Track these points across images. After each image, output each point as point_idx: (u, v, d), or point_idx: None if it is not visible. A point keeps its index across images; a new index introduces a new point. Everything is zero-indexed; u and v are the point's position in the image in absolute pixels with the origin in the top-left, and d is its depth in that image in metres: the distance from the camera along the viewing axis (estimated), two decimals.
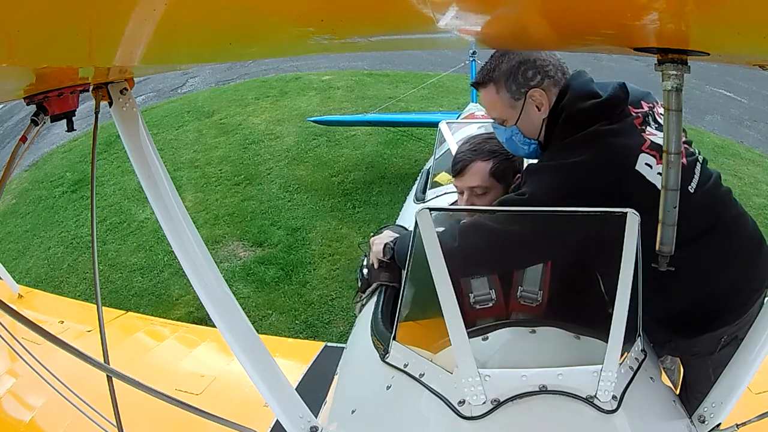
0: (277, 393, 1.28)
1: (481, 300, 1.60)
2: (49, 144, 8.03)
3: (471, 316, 1.59)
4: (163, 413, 1.71)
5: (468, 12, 0.85)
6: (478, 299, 1.60)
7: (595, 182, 1.46)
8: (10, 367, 2.66)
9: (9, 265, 4.64)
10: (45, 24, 0.58)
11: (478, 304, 1.60)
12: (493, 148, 1.84)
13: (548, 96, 1.62)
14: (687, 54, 1.12)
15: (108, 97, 1.21)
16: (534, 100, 1.62)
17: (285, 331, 4.26)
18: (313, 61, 10.19)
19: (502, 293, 1.62)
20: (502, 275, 1.62)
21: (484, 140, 1.89)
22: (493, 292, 1.61)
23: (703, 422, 1.24)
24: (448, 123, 3.55)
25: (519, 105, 1.64)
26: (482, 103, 1.76)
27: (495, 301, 1.60)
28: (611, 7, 0.80)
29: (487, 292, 1.61)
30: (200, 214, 5.83)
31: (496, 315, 1.59)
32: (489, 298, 1.60)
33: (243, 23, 0.80)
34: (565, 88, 1.63)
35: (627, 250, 1.14)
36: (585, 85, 1.63)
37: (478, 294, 1.61)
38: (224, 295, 1.27)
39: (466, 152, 1.86)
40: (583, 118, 1.55)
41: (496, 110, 1.68)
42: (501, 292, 1.61)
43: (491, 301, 1.60)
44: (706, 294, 1.63)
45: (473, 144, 1.89)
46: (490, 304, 1.60)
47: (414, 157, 6.75)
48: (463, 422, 1.08)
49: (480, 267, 1.59)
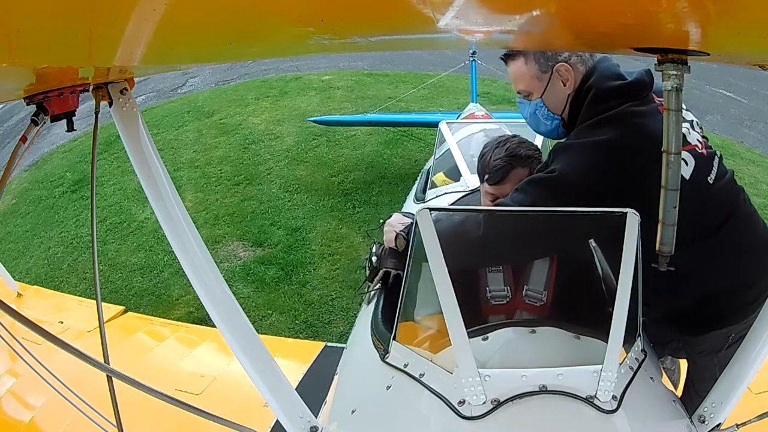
0: (277, 393, 1.28)
1: (496, 296, 1.61)
2: (49, 144, 8.04)
3: (485, 312, 1.60)
4: (163, 413, 1.71)
5: (468, 12, 0.85)
6: (494, 294, 1.60)
7: (625, 162, 1.46)
8: (10, 367, 2.66)
9: (9, 265, 4.64)
10: (45, 24, 0.58)
11: (494, 299, 1.60)
12: (529, 153, 1.81)
13: (575, 73, 1.64)
14: (687, 54, 1.12)
15: (108, 97, 1.21)
16: (560, 75, 1.64)
17: (285, 331, 4.26)
18: (313, 61, 10.19)
19: (515, 291, 1.62)
20: (515, 272, 1.62)
21: (519, 145, 1.83)
22: (507, 289, 1.61)
23: (703, 422, 1.24)
24: (448, 123, 3.56)
25: (545, 78, 1.65)
26: (510, 75, 1.75)
27: (509, 298, 1.61)
28: (611, 7, 0.80)
29: (502, 289, 1.61)
30: (200, 214, 5.83)
31: (508, 312, 1.59)
32: (504, 295, 1.61)
33: (243, 23, 0.80)
34: (592, 68, 1.64)
35: (627, 250, 1.14)
36: (612, 67, 1.65)
37: (494, 289, 1.61)
38: (224, 295, 1.27)
39: (504, 158, 1.78)
40: (611, 96, 1.56)
41: (523, 82, 1.69)
42: (515, 290, 1.62)
43: (506, 298, 1.61)
44: (717, 290, 1.64)
45: (508, 149, 1.81)
46: (505, 301, 1.60)
47: (414, 157, 6.75)
48: (463, 422, 1.08)
49: (505, 254, 1.58)
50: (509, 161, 1.78)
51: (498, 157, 1.80)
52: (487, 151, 1.85)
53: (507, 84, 9.05)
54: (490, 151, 1.84)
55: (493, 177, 1.79)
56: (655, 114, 1.54)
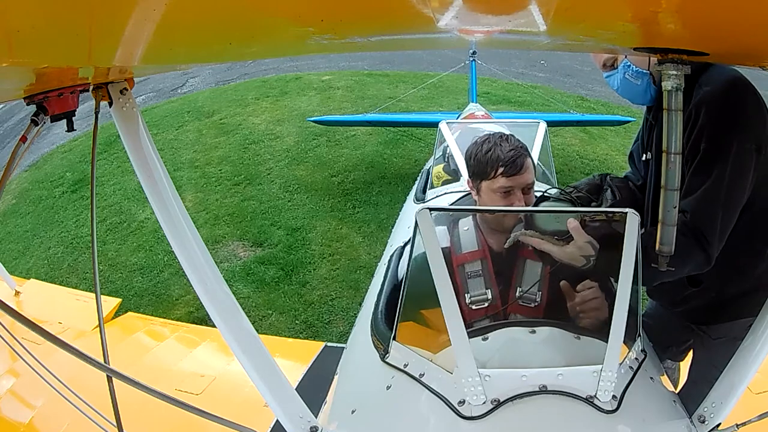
0: (277, 393, 1.28)
1: (477, 300, 1.60)
2: (49, 144, 8.04)
3: (467, 317, 1.58)
4: (163, 413, 1.71)
5: (468, 12, 0.85)
6: (474, 299, 1.60)
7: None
8: (10, 367, 2.66)
9: (9, 265, 4.64)
10: (45, 24, 0.58)
11: (474, 304, 1.60)
12: (523, 144, 1.78)
13: None
14: (687, 54, 1.12)
15: (108, 97, 1.21)
16: None
17: (285, 331, 4.26)
18: (313, 61, 10.19)
19: (499, 294, 1.61)
20: (498, 275, 1.61)
21: (515, 137, 1.80)
22: (489, 292, 1.61)
23: (703, 422, 1.24)
24: (448, 123, 3.56)
25: None
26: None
27: (491, 301, 1.60)
28: (611, 7, 0.80)
29: (483, 292, 1.60)
30: (200, 214, 5.83)
31: (492, 315, 1.58)
32: (485, 299, 1.60)
33: (243, 23, 0.80)
34: None
35: (627, 250, 1.13)
36: None
37: (474, 294, 1.60)
38: (224, 295, 1.27)
39: (516, 149, 1.73)
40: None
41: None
42: (498, 293, 1.61)
43: (487, 302, 1.60)
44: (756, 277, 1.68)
45: (511, 141, 1.77)
46: (486, 304, 1.60)
47: (414, 157, 6.75)
48: (463, 422, 1.08)
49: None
50: (521, 151, 1.73)
51: (510, 149, 1.73)
52: (492, 146, 1.77)
53: (507, 84, 9.11)
54: (495, 146, 1.77)
55: (511, 168, 1.71)
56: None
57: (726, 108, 1.51)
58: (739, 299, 1.70)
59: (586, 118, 6.90)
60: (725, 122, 1.50)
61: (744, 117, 1.52)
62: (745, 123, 1.51)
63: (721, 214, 1.52)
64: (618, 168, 6.23)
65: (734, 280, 1.70)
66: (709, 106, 1.51)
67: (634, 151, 1.96)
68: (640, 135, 1.91)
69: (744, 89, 1.53)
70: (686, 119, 1.53)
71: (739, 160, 1.49)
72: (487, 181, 1.74)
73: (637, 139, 1.94)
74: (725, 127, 1.50)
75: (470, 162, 1.81)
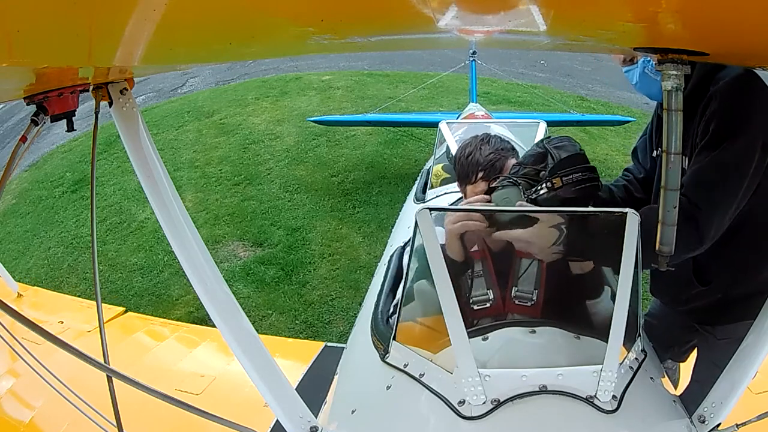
0: (277, 393, 1.28)
1: (479, 301, 1.60)
2: (49, 144, 8.04)
3: (469, 317, 1.58)
4: (163, 413, 1.71)
5: (467, 12, 0.85)
6: (476, 300, 1.60)
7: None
8: (10, 367, 2.66)
9: (9, 265, 4.64)
10: (45, 24, 0.58)
11: (476, 304, 1.59)
12: (509, 146, 1.79)
13: None
14: (687, 54, 1.12)
15: (108, 97, 1.21)
16: None
17: (285, 331, 4.26)
18: (313, 61, 10.19)
19: (500, 293, 1.61)
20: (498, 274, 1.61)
21: (498, 139, 1.81)
22: (490, 293, 1.60)
23: (703, 422, 1.24)
24: (448, 123, 3.56)
25: None
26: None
27: (493, 302, 1.60)
28: (611, 8, 0.80)
29: (484, 293, 1.60)
30: (200, 214, 5.83)
31: (494, 315, 1.58)
32: (487, 299, 1.60)
33: (243, 23, 0.80)
34: None
35: (627, 250, 1.13)
36: None
37: (476, 295, 1.60)
38: (224, 295, 1.27)
39: (495, 152, 1.74)
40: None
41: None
42: (499, 293, 1.61)
43: (489, 302, 1.60)
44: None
45: (492, 143, 1.79)
46: (488, 304, 1.60)
47: (414, 157, 6.75)
48: (463, 422, 1.08)
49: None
50: (501, 153, 1.75)
51: (489, 153, 1.76)
52: (473, 150, 1.79)
53: (507, 84, 9.10)
54: (475, 150, 1.79)
55: (491, 172, 1.74)
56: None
57: (739, 97, 1.52)
58: (745, 300, 1.69)
59: (586, 118, 6.91)
60: (737, 110, 1.52)
61: (754, 110, 1.53)
62: (755, 116, 1.52)
63: (716, 193, 1.51)
64: (618, 168, 6.22)
65: (742, 281, 1.70)
66: (724, 94, 1.52)
67: (639, 146, 1.97)
68: (649, 130, 1.91)
69: (759, 84, 1.54)
70: (702, 109, 1.55)
71: (743, 148, 1.50)
72: (470, 185, 1.77)
73: (644, 134, 1.95)
74: (735, 114, 1.51)
75: (456, 166, 1.83)
